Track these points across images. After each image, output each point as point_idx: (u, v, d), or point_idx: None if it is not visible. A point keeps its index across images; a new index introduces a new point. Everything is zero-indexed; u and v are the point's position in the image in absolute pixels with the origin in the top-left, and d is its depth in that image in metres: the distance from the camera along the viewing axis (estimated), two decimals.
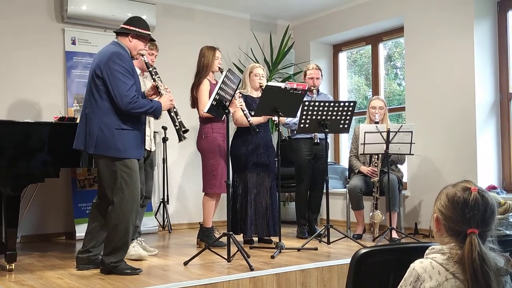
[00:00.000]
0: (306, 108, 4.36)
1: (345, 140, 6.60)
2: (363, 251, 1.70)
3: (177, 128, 3.68)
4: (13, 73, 5.04)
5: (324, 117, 4.42)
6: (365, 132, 4.57)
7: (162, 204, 5.66)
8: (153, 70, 3.70)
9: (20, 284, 3.20)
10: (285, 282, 3.41)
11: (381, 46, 6.24)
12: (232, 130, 4.29)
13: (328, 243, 4.42)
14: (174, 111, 3.69)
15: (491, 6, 5.05)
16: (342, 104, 4.47)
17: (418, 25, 5.40)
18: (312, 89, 5.01)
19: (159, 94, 3.64)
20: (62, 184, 5.11)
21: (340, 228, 4.74)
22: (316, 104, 4.41)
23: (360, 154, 4.86)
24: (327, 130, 4.47)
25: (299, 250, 4.17)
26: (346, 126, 4.56)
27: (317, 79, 5.07)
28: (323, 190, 4.85)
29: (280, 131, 4.21)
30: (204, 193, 4.46)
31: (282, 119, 4.47)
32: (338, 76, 6.75)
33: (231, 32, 6.38)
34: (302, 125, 4.42)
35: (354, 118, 4.83)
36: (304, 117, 4.39)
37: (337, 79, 6.75)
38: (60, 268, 3.67)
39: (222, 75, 3.81)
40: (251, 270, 3.38)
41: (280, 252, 3.99)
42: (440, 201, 1.57)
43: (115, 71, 3.33)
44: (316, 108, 4.38)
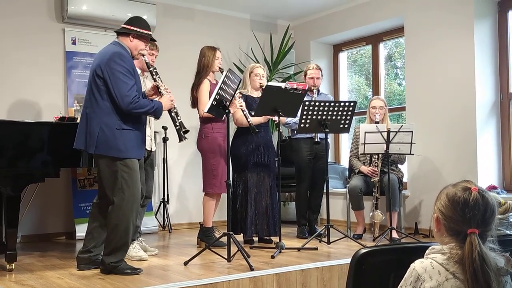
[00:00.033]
0: (306, 108, 4.36)
1: (345, 140, 6.60)
2: (363, 251, 1.70)
3: (177, 128, 3.68)
4: (13, 73, 5.04)
5: (324, 117, 4.42)
6: (365, 132, 4.57)
7: (162, 204, 5.66)
8: (153, 70, 3.70)
9: (20, 284, 3.20)
10: (285, 282, 3.41)
11: (381, 46, 6.24)
12: (232, 130, 4.29)
13: (328, 243, 4.42)
14: (175, 111, 3.69)
15: (491, 6, 5.05)
16: (342, 104, 4.47)
17: (419, 25, 5.40)
18: (313, 89, 5.01)
19: (160, 94, 3.64)
20: (62, 184, 5.12)
21: (340, 228, 4.74)
22: (316, 104, 4.40)
23: (361, 154, 4.86)
24: (327, 130, 4.47)
25: (299, 250, 4.17)
26: (346, 126, 4.56)
27: (317, 79, 5.07)
28: (323, 190, 4.85)
29: (281, 131, 4.20)
30: (204, 193, 4.46)
31: (283, 118, 4.47)
32: (338, 76, 6.75)
33: (232, 32, 6.38)
34: (302, 125, 4.42)
35: (354, 118, 4.83)
36: (304, 117, 4.39)
37: (337, 79, 6.75)
38: (60, 268, 3.67)
39: (223, 75, 3.80)
40: (251, 270, 3.38)
41: (280, 252, 3.99)
42: (440, 201, 1.57)
43: (116, 71, 3.33)
44: (316, 108, 4.38)
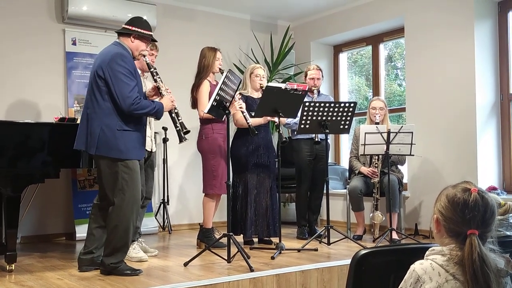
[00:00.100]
0: (306, 108, 4.35)
1: (345, 141, 6.60)
2: (363, 252, 1.69)
3: (177, 129, 3.67)
4: (13, 73, 5.04)
5: (324, 117, 4.42)
6: (365, 133, 4.57)
7: (162, 205, 5.66)
8: (154, 71, 3.70)
9: (20, 285, 3.20)
10: (285, 283, 3.40)
11: (381, 47, 6.24)
12: (232, 131, 4.29)
13: (328, 244, 4.42)
14: (175, 112, 3.68)
15: (491, 6, 5.05)
16: (342, 104, 4.47)
17: (419, 26, 5.40)
18: (313, 89, 5.01)
19: (160, 95, 3.63)
20: (62, 185, 5.11)
21: (340, 229, 4.74)
22: (317, 104, 4.40)
23: (361, 155, 4.86)
24: (327, 131, 4.47)
25: (299, 251, 4.16)
26: (346, 127, 4.56)
27: (318, 79, 5.07)
28: (324, 191, 4.84)
29: (281, 132, 4.20)
30: (204, 193, 4.46)
31: (283, 119, 4.47)
32: (338, 76, 6.75)
33: (232, 32, 6.38)
34: (302, 125, 4.42)
35: (354, 118, 4.83)
36: (304, 117, 4.39)
37: (337, 79, 6.75)
38: (60, 269, 3.67)
39: (223, 75, 3.80)
40: (251, 271, 3.38)
41: (280, 253, 3.99)
42: (440, 202, 1.56)
43: (117, 72, 3.32)
44: (316, 108, 4.38)
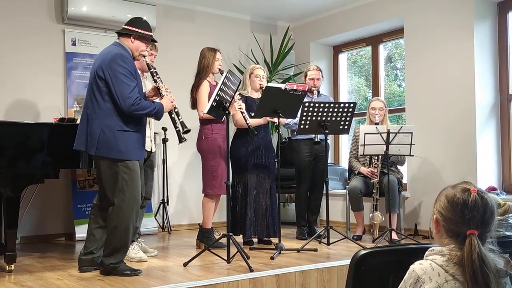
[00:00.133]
0: (306, 109, 4.35)
1: (345, 141, 6.60)
2: (363, 252, 1.69)
3: (177, 129, 3.66)
4: (13, 74, 5.04)
5: (324, 118, 4.42)
6: (365, 133, 4.57)
7: (162, 205, 5.66)
8: (154, 71, 3.70)
9: (20, 285, 3.20)
10: (284, 283, 3.40)
11: (381, 47, 6.24)
12: (232, 131, 4.29)
13: (328, 244, 4.42)
14: (176, 111, 3.67)
15: (491, 7, 5.05)
16: (342, 105, 4.47)
17: (418, 26, 5.40)
18: (313, 90, 5.01)
19: (160, 95, 3.63)
20: (62, 185, 5.11)
21: (340, 229, 4.73)
22: (316, 105, 4.40)
23: (360, 155, 4.86)
24: (327, 131, 4.47)
25: (298, 251, 4.16)
26: (346, 127, 4.56)
27: (317, 80, 5.07)
28: (323, 191, 4.84)
29: (280, 132, 4.20)
30: (203, 194, 4.46)
31: (282, 119, 4.47)
32: (338, 77, 6.75)
33: (232, 33, 6.38)
34: (302, 126, 4.42)
35: (354, 119, 4.83)
36: (304, 118, 4.39)
37: (337, 80, 6.75)
38: (59, 269, 3.67)
39: (222, 76, 3.80)
40: (251, 271, 3.38)
41: (279, 253, 3.99)
42: (439, 202, 1.56)
43: (118, 73, 3.32)
44: (316, 109, 4.38)
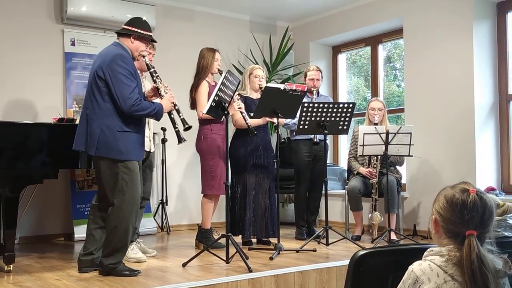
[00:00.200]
0: (305, 109, 4.36)
1: (344, 141, 6.60)
2: (362, 252, 1.69)
3: (176, 130, 3.66)
4: (12, 74, 5.04)
5: (323, 118, 4.42)
6: (364, 134, 4.57)
7: (160, 205, 5.66)
8: (153, 72, 3.69)
9: (19, 286, 3.20)
10: (283, 284, 3.40)
11: (380, 48, 6.24)
12: (231, 132, 4.29)
13: (327, 244, 4.42)
14: (176, 109, 3.66)
15: (490, 7, 5.06)
16: (341, 105, 4.47)
17: (418, 26, 5.40)
18: (312, 90, 5.01)
19: (160, 95, 3.63)
20: (61, 185, 5.11)
21: (339, 229, 4.74)
22: (315, 105, 4.40)
23: (359, 156, 4.86)
24: (326, 132, 4.47)
25: (297, 251, 4.16)
26: (345, 128, 4.56)
27: (317, 80, 5.07)
28: (322, 192, 4.84)
29: (279, 133, 4.20)
30: (203, 194, 4.46)
31: (282, 120, 4.47)
32: (337, 77, 6.75)
33: (231, 33, 6.38)
34: (301, 126, 4.42)
35: (353, 119, 4.83)
36: (303, 118, 4.39)
37: (336, 80, 6.75)
38: (58, 269, 3.67)
39: (222, 76, 3.80)
40: (250, 271, 3.37)
41: (278, 253, 3.99)
42: (438, 202, 1.56)
43: (118, 73, 3.31)
44: (315, 109, 4.38)
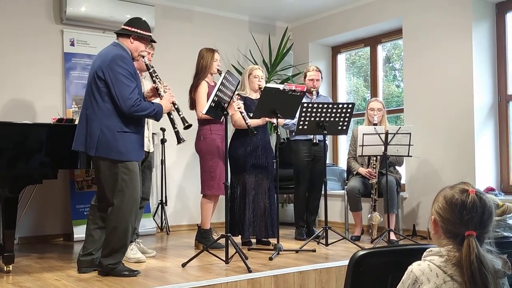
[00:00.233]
0: (304, 109, 4.36)
1: (343, 141, 6.60)
2: (361, 252, 1.69)
3: (176, 130, 3.66)
4: (11, 74, 5.04)
5: (322, 118, 4.42)
6: (363, 134, 4.57)
7: (160, 205, 5.66)
8: (153, 72, 3.69)
9: (18, 286, 3.19)
10: (283, 284, 3.41)
11: (379, 48, 6.25)
12: (230, 132, 4.29)
13: (326, 244, 4.42)
14: (176, 107, 3.65)
15: (489, 8, 5.06)
16: (340, 105, 4.47)
17: (417, 27, 5.41)
18: (312, 90, 5.01)
19: (159, 96, 3.63)
20: (60, 186, 5.11)
21: (338, 229, 4.74)
22: (315, 105, 4.41)
23: (359, 156, 4.86)
24: (325, 132, 4.47)
25: (297, 251, 4.16)
26: (344, 128, 4.56)
27: (317, 80, 5.07)
28: (322, 192, 4.85)
29: (279, 133, 4.20)
30: (202, 194, 4.46)
31: (281, 120, 4.47)
32: (336, 77, 6.75)
33: (230, 33, 6.38)
34: (300, 126, 4.42)
35: (352, 119, 4.83)
36: (302, 118, 4.39)
37: (335, 80, 6.75)
38: (58, 269, 3.67)
39: (221, 76, 3.80)
40: (249, 272, 3.37)
41: (278, 253, 3.99)
42: (437, 203, 1.56)
43: (118, 74, 3.31)
44: (314, 109, 4.39)
